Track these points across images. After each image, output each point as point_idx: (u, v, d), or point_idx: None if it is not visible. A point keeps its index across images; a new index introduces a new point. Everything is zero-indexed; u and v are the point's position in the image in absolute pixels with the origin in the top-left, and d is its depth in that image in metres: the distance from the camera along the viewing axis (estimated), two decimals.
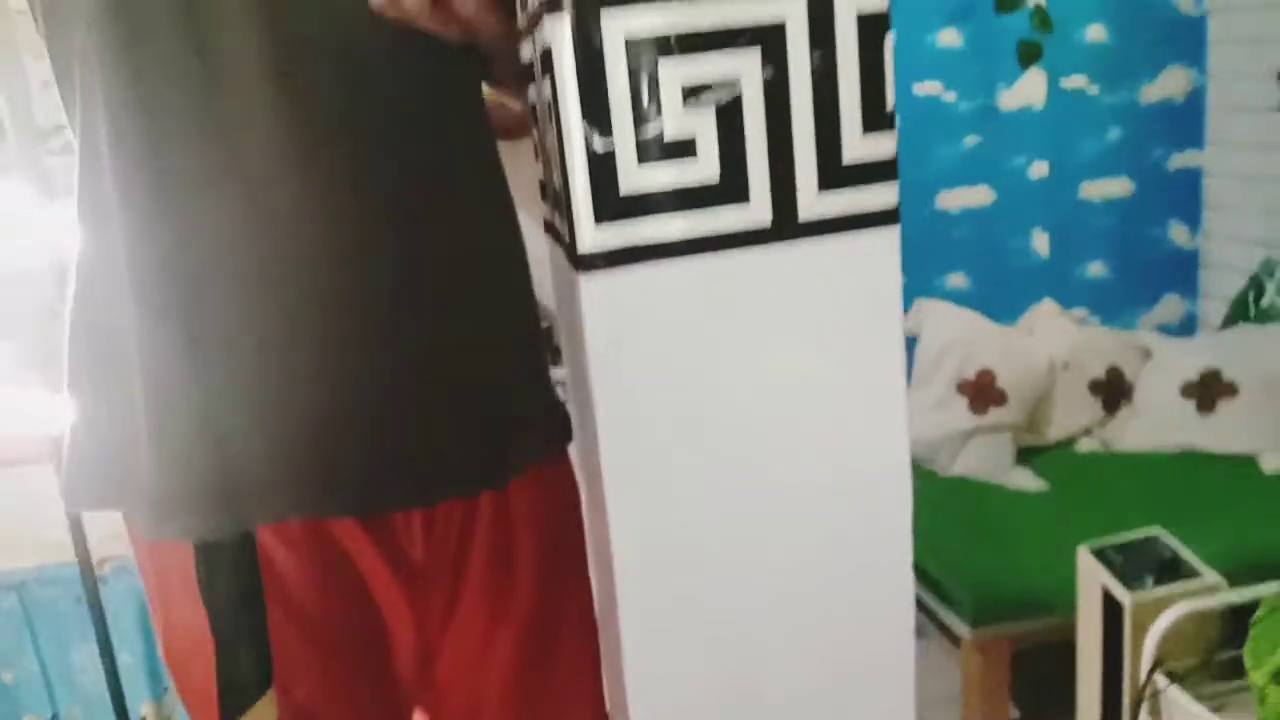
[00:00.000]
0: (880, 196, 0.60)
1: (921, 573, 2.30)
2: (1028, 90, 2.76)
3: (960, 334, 2.83)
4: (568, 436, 0.95)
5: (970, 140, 2.75)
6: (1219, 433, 2.46)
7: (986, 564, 2.16)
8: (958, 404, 2.74)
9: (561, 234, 0.58)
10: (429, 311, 0.84)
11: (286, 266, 0.80)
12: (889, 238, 0.59)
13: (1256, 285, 2.68)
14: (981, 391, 2.70)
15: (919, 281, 2.84)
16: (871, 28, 0.58)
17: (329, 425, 0.81)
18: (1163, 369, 2.66)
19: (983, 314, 2.83)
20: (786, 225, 0.59)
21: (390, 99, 0.80)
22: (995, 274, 2.85)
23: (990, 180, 2.80)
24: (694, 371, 0.58)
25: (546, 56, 0.54)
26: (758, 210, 0.58)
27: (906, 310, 2.74)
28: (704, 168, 0.57)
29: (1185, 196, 2.92)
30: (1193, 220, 2.92)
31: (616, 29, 0.54)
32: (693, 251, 0.56)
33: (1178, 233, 2.92)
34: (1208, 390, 2.57)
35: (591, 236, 0.56)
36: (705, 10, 0.55)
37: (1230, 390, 2.55)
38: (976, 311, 2.86)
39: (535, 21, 0.56)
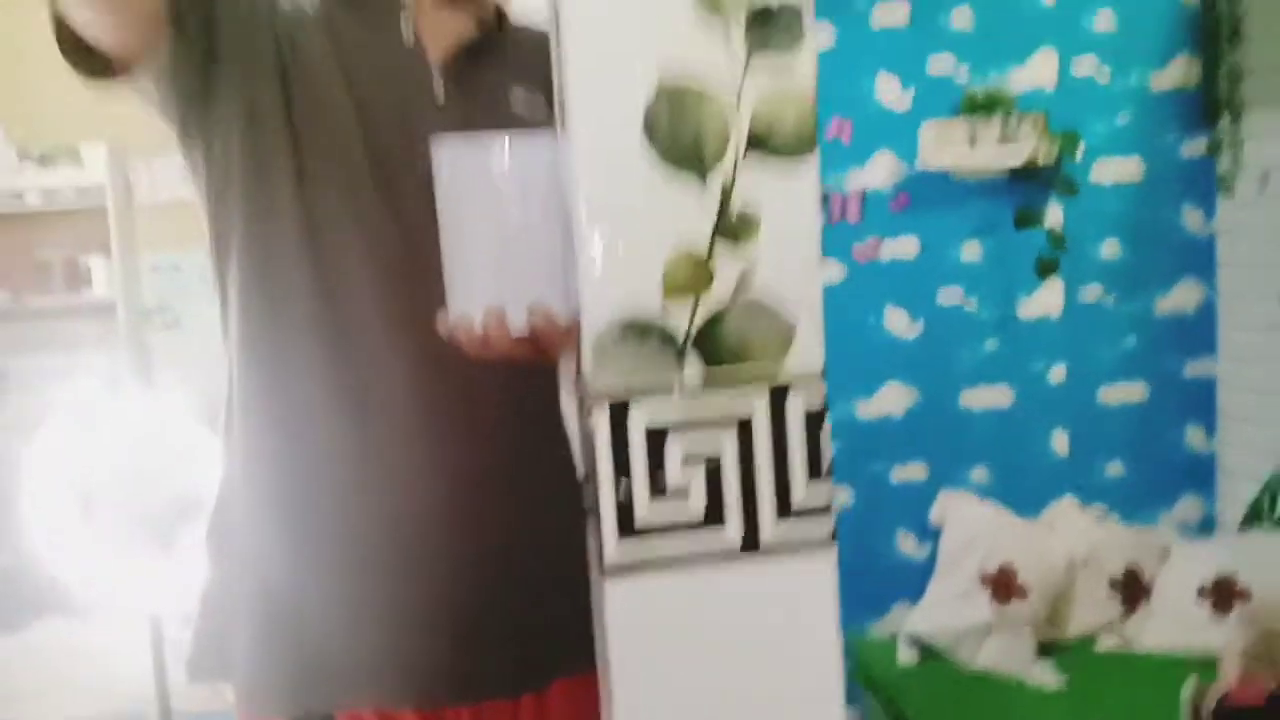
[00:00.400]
0: (820, 528, 0.79)
1: None
2: (1046, 299, 2.98)
3: (983, 527, 2.96)
4: (566, 668, 1.14)
5: (990, 344, 2.96)
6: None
7: None
8: (980, 596, 2.86)
9: (594, 548, 0.78)
10: (495, 544, 1.04)
11: (385, 496, 1.01)
12: (828, 558, 0.78)
13: (1271, 492, 2.80)
14: (1003, 585, 2.82)
15: (944, 474, 3.00)
16: (814, 420, 0.78)
17: (403, 629, 1.00)
18: (1180, 570, 2.77)
19: (1005, 507, 2.99)
20: (751, 547, 0.78)
21: (489, 383, 1.01)
22: (1016, 470, 3.00)
23: (1010, 381, 2.99)
24: (682, 657, 0.76)
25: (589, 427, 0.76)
26: (731, 535, 0.77)
27: (930, 505, 2.96)
28: (694, 506, 0.77)
29: (1201, 402, 3.06)
30: (1209, 425, 3.07)
31: (640, 418, 0.75)
32: (684, 565, 0.76)
33: (1194, 436, 3.05)
34: (1222, 594, 2.67)
35: (614, 552, 0.75)
36: (699, 406, 0.75)
37: (1244, 595, 2.65)
38: (999, 505, 3.02)
39: (583, 401, 0.77)
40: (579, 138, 0.74)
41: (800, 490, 0.76)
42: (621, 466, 0.74)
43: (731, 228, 0.75)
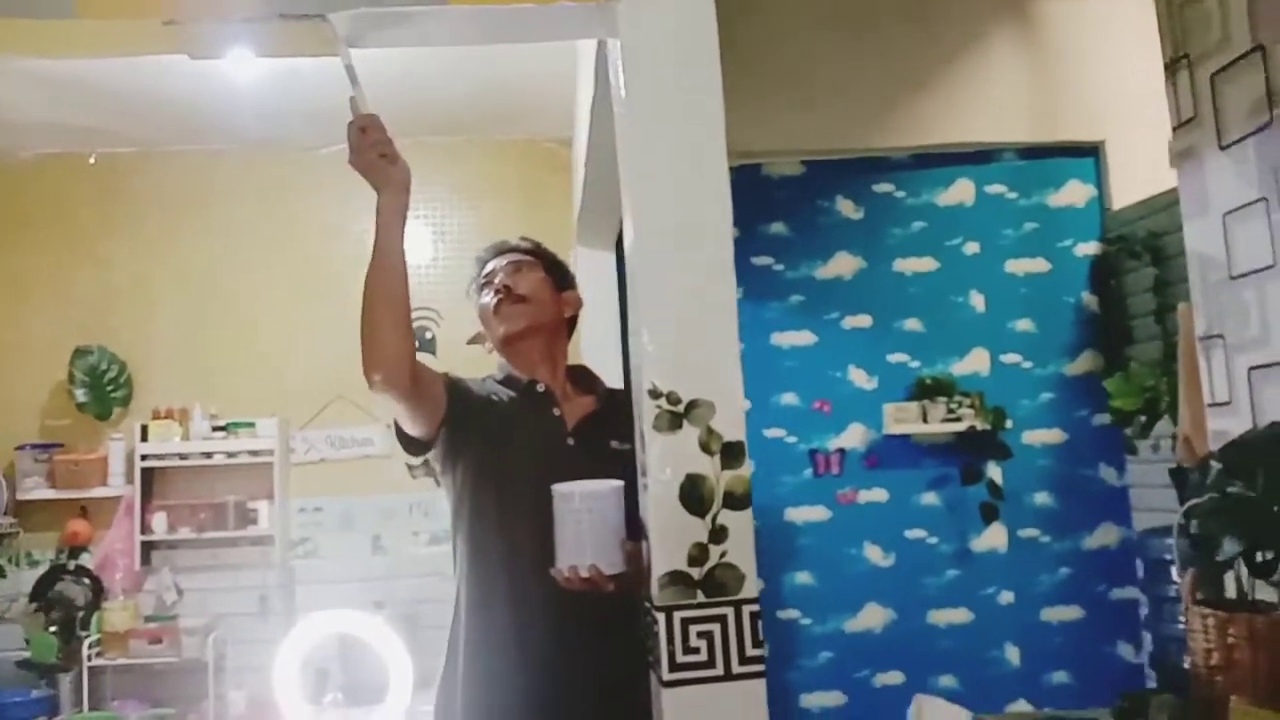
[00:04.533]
0: (758, 668, 1.58)
1: None
2: (993, 538, 3.71)
3: None
4: None
5: (951, 573, 3.70)
6: None
7: None
8: None
9: (656, 669, 1.57)
10: (597, 680, 1.81)
11: (534, 645, 1.80)
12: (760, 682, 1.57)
13: None
14: None
15: (918, 680, 3.66)
16: (752, 618, 1.60)
17: None
18: None
19: (971, 709, 3.62)
20: (729, 675, 1.56)
21: (590, 601, 1.81)
22: (978, 677, 3.63)
23: (969, 604, 3.69)
24: None
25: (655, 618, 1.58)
26: (719, 670, 1.57)
27: (907, 707, 3.60)
28: (703, 658, 1.57)
29: (1127, 621, 3.74)
30: (1135, 639, 3.74)
31: (676, 615, 1.57)
32: (694, 685, 1.55)
33: (1124, 649, 3.72)
34: None
35: (666, 677, 1.55)
36: (703, 610, 1.58)
37: None
38: (965, 708, 3.65)
39: (652, 608, 1.60)
40: (653, 489, 1.63)
41: (746, 653, 1.57)
42: (670, 639, 1.55)
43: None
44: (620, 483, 1.70)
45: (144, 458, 3.57)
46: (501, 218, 1.65)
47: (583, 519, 1.68)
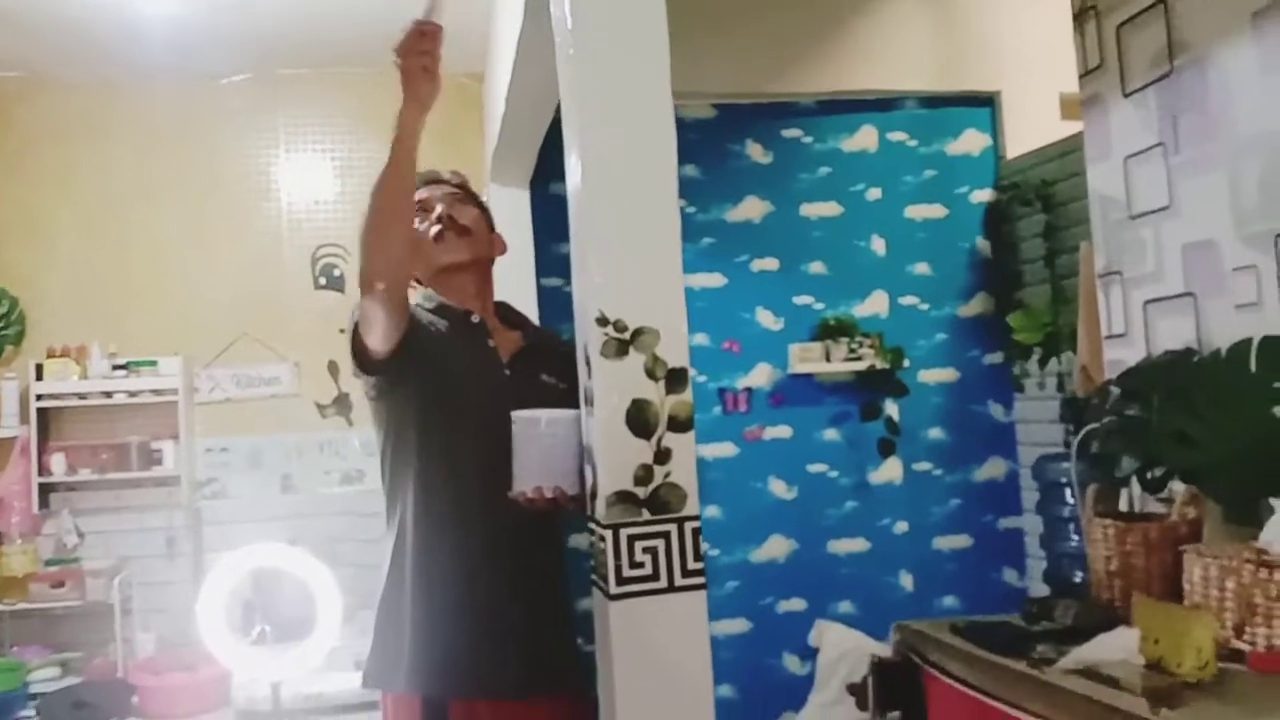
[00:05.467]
0: (699, 580, 1.66)
1: None
2: (889, 471, 3.90)
3: (850, 648, 3.71)
4: (580, 680, 1.98)
5: (849, 505, 3.88)
6: None
7: None
8: (848, 703, 3.61)
9: (601, 585, 1.64)
10: (529, 594, 1.88)
11: (476, 561, 1.85)
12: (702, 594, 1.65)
13: None
14: (866, 694, 3.64)
15: (818, 606, 3.84)
16: (693, 535, 1.68)
17: (480, 649, 1.81)
18: None
19: (866, 632, 3.82)
20: (673, 587, 1.64)
21: (523, 515, 1.83)
22: (874, 602, 3.83)
23: (866, 534, 3.88)
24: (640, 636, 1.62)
25: (602, 536, 1.64)
26: (662, 583, 1.64)
27: (808, 631, 3.79)
28: (646, 571, 1.64)
29: (1013, 550, 4.00)
30: (1020, 568, 4.00)
31: (624, 533, 1.64)
32: (640, 597, 1.62)
33: (1010, 576, 3.97)
34: None
35: (613, 591, 1.62)
36: (649, 528, 1.65)
37: None
38: (862, 631, 3.85)
39: (599, 524, 1.66)
40: (599, 414, 1.67)
41: (688, 567, 1.65)
42: (616, 555, 1.62)
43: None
44: (578, 412, 1.75)
45: (39, 397, 3.44)
46: None
47: (547, 443, 1.73)
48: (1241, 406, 1.60)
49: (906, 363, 3.81)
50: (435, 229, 2.00)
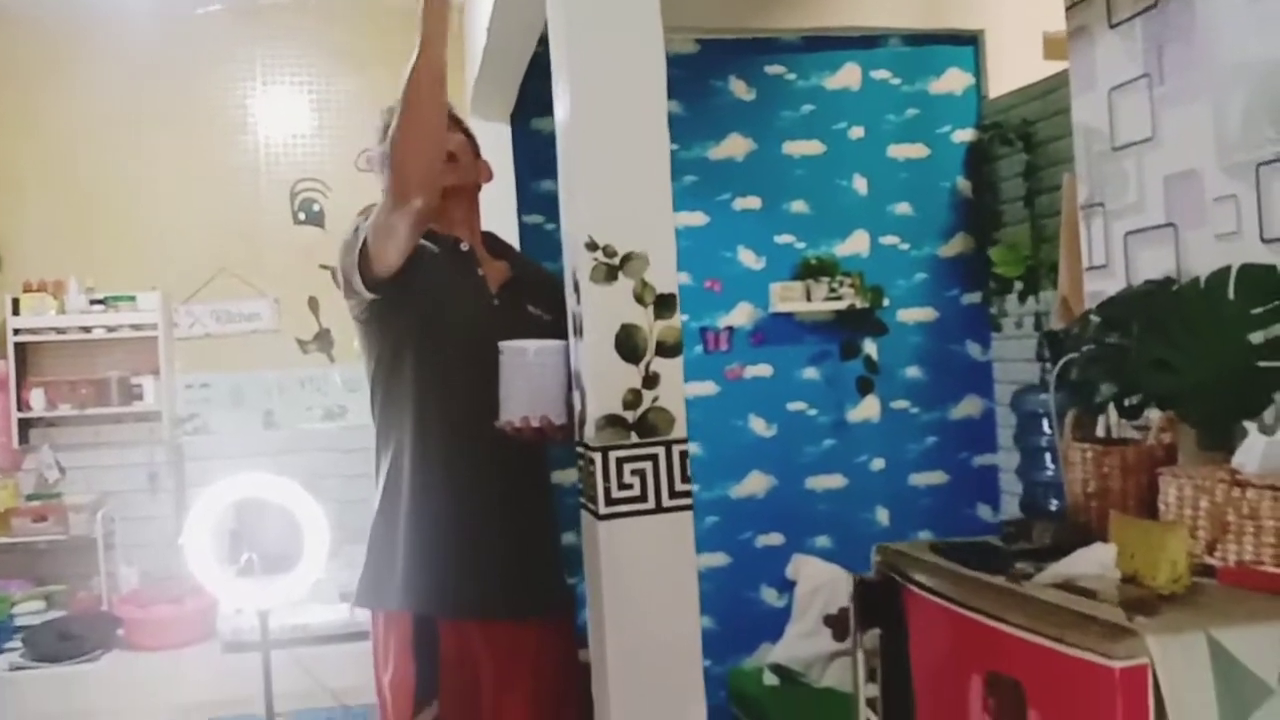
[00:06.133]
0: (686, 501, 1.69)
1: None
2: (867, 409, 3.94)
3: (826, 581, 3.79)
4: (565, 606, 2.02)
5: (827, 442, 3.93)
6: None
7: None
8: (824, 634, 3.69)
9: (590, 507, 1.67)
10: (517, 519, 1.91)
11: (467, 486, 1.87)
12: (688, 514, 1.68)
13: None
14: (842, 624, 3.68)
15: (796, 541, 3.90)
16: (681, 458, 1.70)
17: (470, 570, 1.84)
18: None
19: (842, 566, 3.88)
20: (660, 508, 1.67)
21: (510, 450, 1.87)
22: (850, 537, 3.88)
23: (843, 470, 3.94)
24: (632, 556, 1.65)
25: (591, 459, 1.67)
26: (650, 504, 1.67)
27: (786, 565, 3.85)
28: (635, 492, 1.67)
29: (987, 485, 4.07)
30: (994, 502, 4.07)
31: (612, 455, 1.66)
32: (630, 518, 1.65)
33: (984, 511, 4.03)
34: None
35: (603, 511, 1.64)
36: (638, 450, 1.68)
37: None
38: (838, 564, 3.92)
39: (587, 447, 1.67)
40: (588, 339, 1.68)
41: (675, 488, 1.67)
42: (605, 477, 1.64)
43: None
44: (564, 342, 1.76)
45: (17, 332, 3.41)
46: (388, 86, 1.60)
47: (535, 373, 1.74)
48: (1219, 334, 1.63)
49: (886, 302, 3.85)
50: None
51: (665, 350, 1.65)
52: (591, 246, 1.63)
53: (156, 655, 2.99)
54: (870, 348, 3.86)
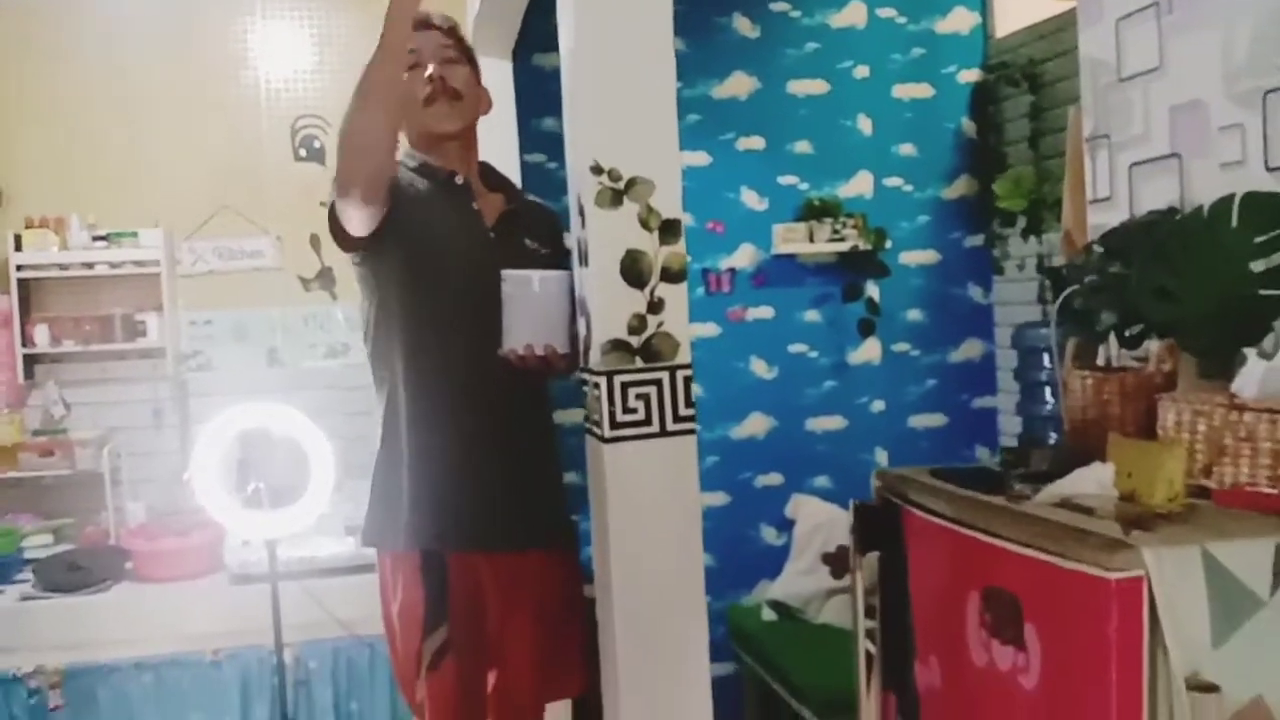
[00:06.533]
0: (690, 425, 1.70)
1: (790, 684, 3.30)
2: (868, 351, 3.96)
3: (825, 520, 3.84)
4: (567, 539, 2.05)
5: (828, 384, 3.95)
6: None
7: (835, 678, 3.14)
8: (822, 571, 3.75)
9: (595, 430, 1.68)
10: (514, 453, 1.92)
11: (468, 422, 1.88)
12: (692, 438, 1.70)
13: None
14: (840, 562, 3.72)
15: (795, 481, 3.93)
16: (685, 381, 1.72)
17: (475, 505, 1.88)
18: None
19: (841, 506, 3.92)
20: (664, 432, 1.69)
21: (512, 376, 1.88)
22: (849, 477, 3.91)
23: (843, 412, 3.97)
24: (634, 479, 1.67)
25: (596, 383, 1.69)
26: (655, 428, 1.69)
27: (785, 504, 3.89)
28: (639, 416, 1.68)
29: (985, 427, 4.10)
30: (992, 444, 4.09)
31: (617, 380, 1.67)
32: (634, 441, 1.67)
33: (981, 453, 4.06)
34: None
35: (607, 434, 1.66)
36: (642, 374, 1.68)
37: None
38: (836, 504, 3.96)
39: (592, 373, 1.68)
40: (593, 264, 1.69)
41: (679, 413, 1.69)
42: (610, 401, 1.66)
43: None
44: (568, 272, 1.77)
45: (20, 268, 3.41)
46: None
47: (539, 302, 1.75)
48: (1221, 261, 1.64)
49: (889, 244, 3.85)
50: (425, 90, 1.94)
51: (670, 276, 1.66)
52: (597, 170, 1.63)
53: (165, 587, 3.03)
54: (872, 290, 3.87)
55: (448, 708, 1.89)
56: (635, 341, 1.63)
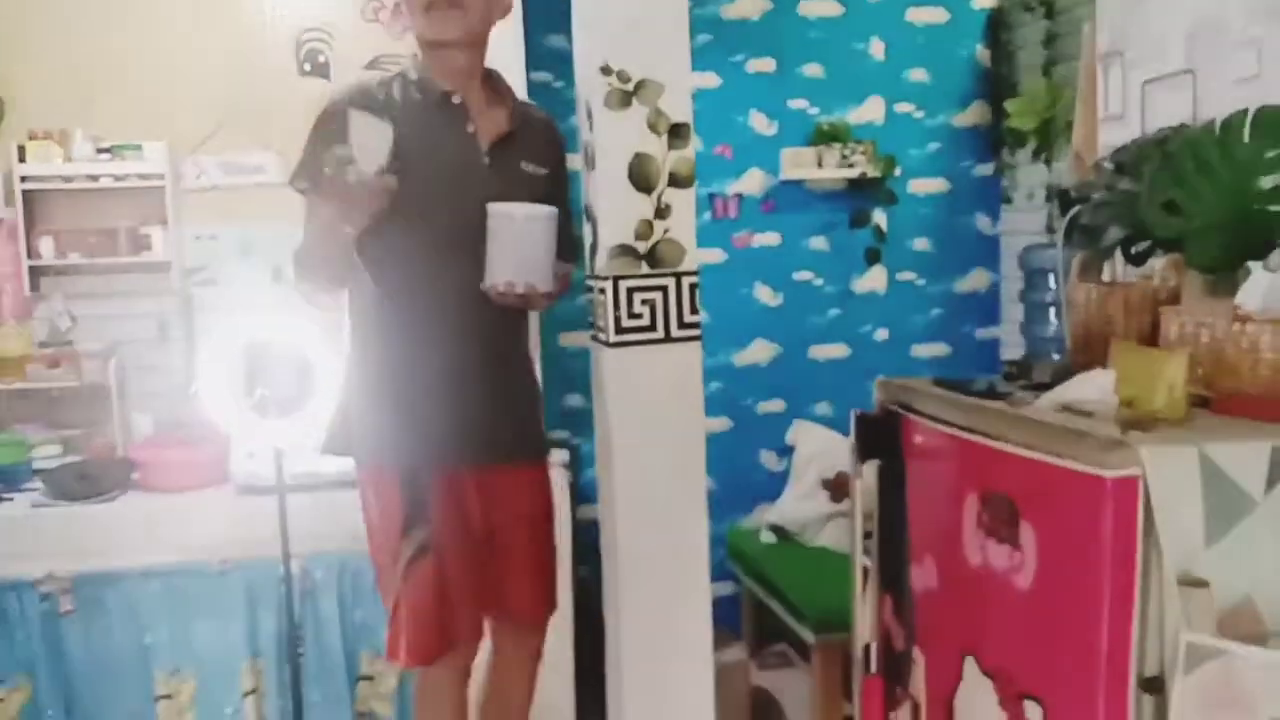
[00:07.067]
0: (695, 332, 1.71)
1: (787, 602, 3.36)
2: (873, 280, 3.96)
3: (824, 446, 3.87)
4: (542, 452, 2.06)
5: (832, 312, 3.95)
6: None
7: (831, 597, 3.19)
8: (821, 496, 3.79)
9: (599, 336, 1.69)
10: (496, 374, 1.92)
11: (452, 345, 1.89)
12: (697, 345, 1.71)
13: None
14: (838, 487, 3.76)
15: (797, 408, 3.97)
16: (690, 291, 1.72)
17: (457, 420, 1.86)
18: None
19: (841, 433, 3.96)
20: (669, 338, 1.70)
21: (495, 309, 1.87)
22: (851, 404, 3.94)
23: (847, 340, 3.98)
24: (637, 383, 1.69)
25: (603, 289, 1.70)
26: (659, 334, 1.70)
27: (786, 430, 3.91)
28: (644, 322, 1.69)
29: (988, 359, 4.11)
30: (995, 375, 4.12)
31: (623, 285, 1.68)
32: (638, 345, 1.68)
33: None
34: None
35: (611, 339, 1.67)
36: (648, 280, 1.68)
37: None
38: (837, 431, 3.99)
39: (599, 278, 1.68)
40: (600, 168, 1.68)
41: (684, 319, 1.70)
42: (615, 306, 1.67)
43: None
44: (554, 208, 1.74)
45: (24, 179, 3.39)
46: None
47: (523, 238, 1.72)
48: (1231, 176, 1.63)
49: (898, 171, 3.83)
50: None
51: (678, 181, 1.66)
52: (606, 71, 1.62)
53: (172, 498, 3.06)
54: (880, 218, 3.86)
55: (423, 607, 1.91)
56: (641, 247, 1.64)
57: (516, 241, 1.72)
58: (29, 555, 2.91)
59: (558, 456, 3.19)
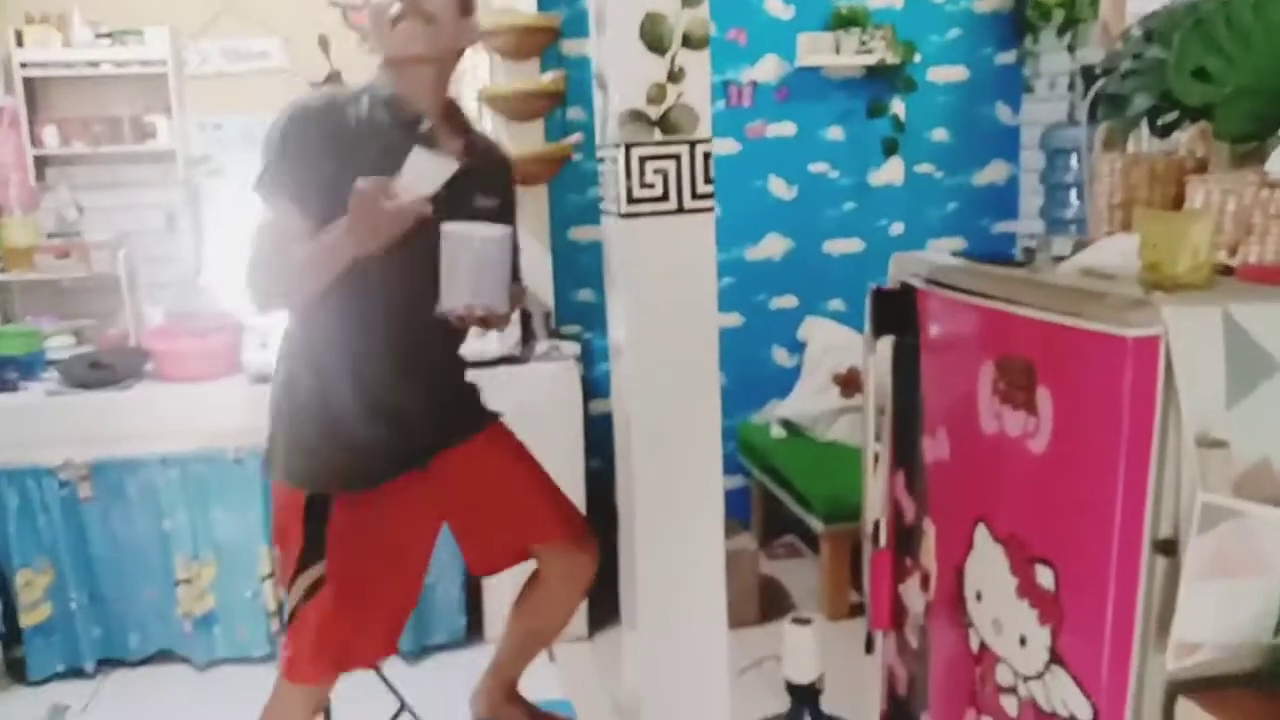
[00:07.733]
0: (708, 204, 1.68)
1: (797, 493, 3.39)
2: (890, 172, 3.89)
3: (836, 342, 3.87)
4: (487, 421, 2.01)
5: (848, 206, 3.90)
6: None
7: (839, 487, 3.23)
8: (832, 391, 3.80)
9: (610, 208, 1.65)
10: (429, 385, 1.86)
11: (380, 362, 1.83)
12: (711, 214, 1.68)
13: None
14: (850, 382, 3.76)
15: (810, 304, 3.94)
16: (704, 159, 1.68)
17: (385, 440, 1.83)
18: None
19: (854, 329, 3.94)
20: (682, 209, 1.67)
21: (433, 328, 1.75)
22: (864, 301, 3.94)
23: (862, 234, 3.93)
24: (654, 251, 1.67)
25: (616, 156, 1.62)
26: (672, 205, 1.67)
27: (798, 326, 3.89)
28: (658, 192, 1.66)
29: (1005, 253, 4.06)
30: None
31: (635, 153, 1.65)
32: (651, 217, 1.65)
33: None
34: None
35: (625, 210, 1.64)
36: (661, 149, 1.64)
37: None
38: (850, 327, 3.98)
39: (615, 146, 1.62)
40: (611, 28, 1.63)
41: (698, 190, 1.67)
42: (628, 175, 1.63)
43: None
44: (509, 228, 1.67)
45: (24, 65, 3.34)
46: None
47: (482, 259, 1.64)
48: (1265, 40, 1.58)
49: (917, 58, 3.73)
50: (395, 9, 1.72)
51: (692, 42, 1.61)
52: None
53: (186, 387, 3.08)
54: (898, 107, 3.77)
55: (317, 640, 1.89)
56: (654, 112, 1.59)
57: (475, 263, 1.62)
58: (46, 443, 2.95)
59: (569, 349, 3.20)
